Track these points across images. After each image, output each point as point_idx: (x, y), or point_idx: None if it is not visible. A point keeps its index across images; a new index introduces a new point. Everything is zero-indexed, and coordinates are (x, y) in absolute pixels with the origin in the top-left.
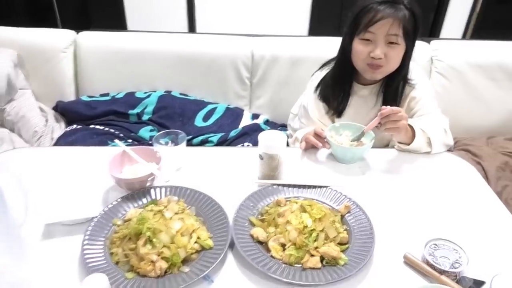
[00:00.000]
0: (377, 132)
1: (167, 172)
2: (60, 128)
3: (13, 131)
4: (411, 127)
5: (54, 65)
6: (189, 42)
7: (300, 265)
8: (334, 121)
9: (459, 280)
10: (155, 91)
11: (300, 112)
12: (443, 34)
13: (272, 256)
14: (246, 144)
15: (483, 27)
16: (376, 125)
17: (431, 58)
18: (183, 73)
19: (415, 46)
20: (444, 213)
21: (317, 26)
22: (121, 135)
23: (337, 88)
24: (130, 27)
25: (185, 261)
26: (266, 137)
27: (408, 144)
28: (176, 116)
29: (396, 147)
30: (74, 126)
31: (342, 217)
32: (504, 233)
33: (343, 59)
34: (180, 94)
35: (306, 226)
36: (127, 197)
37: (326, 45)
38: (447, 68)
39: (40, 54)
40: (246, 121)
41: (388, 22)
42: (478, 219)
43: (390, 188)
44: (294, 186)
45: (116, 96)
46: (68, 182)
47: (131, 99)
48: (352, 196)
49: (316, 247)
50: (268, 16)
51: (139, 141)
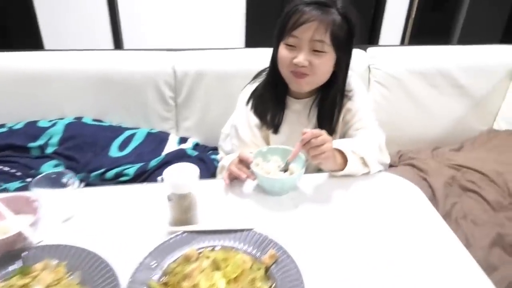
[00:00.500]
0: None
1: (49, 225)
2: None
3: None
4: (340, 151)
5: None
6: (101, 60)
7: None
8: (268, 140)
9: None
10: (62, 119)
11: (231, 132)
12: (381, 41)
13: None
14: None
15: (419, 33)
16: (298, 151)
17: (369, 67)
18: (95, 95)
19: (351, 59)
20: (387, 246)
21: (253, 37)
22: (18, 173)
23: (270, 99)
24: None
25: None
26: (173, 173)
27: (341, 170)
28: (87, 146)
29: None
30: None
31: (267, 270)
32: (450, 262)
33: (273, 68)
34: (93, 120)
35: None
36: None
37: (258, 57)
38: (385, 76)
39: None
40: (172, 146)
41: (312, 26)
42: (424, 247)
43: (326, 221)
44: (210, 232)
45: (14, 127)
46: None
47: (32, 130)
48: (280, 239)
49: None
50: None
51: None
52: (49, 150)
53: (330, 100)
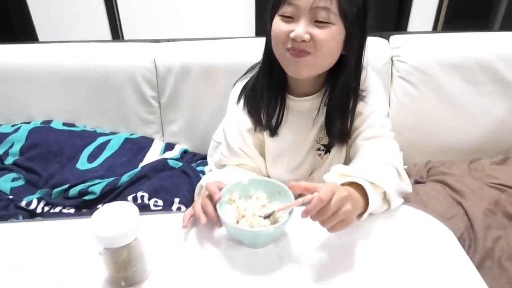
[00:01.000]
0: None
1: None
2: None
3: None
4: (356, 184)
5: None
6: (71, 53)
7: None
8: (263, 148)
9: None
10: (28, 123)
11: (221, 138)
12: (410, 27)
13: None
14: (140, 194)
15: (455, 17)
16: (291, 207)
17: (391, 59)
18: (66, 95)
19: (365, 41)
20: None
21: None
22: None
23: (265, 94)
24: (42, 38)
25: None
26: (103, 219)
27: (361, 215)
28: (52, 156)
29: None
30: None
31: None
32: None
33: (267, 51)
34: (64, 124)
35: None
36: None
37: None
38: (412, 71)
39: None
40: (154, 155)
41: None
42: None
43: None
44: None
45: None
46: None
47: None
48: None
49: None
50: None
51: None
52: (9, 160)
53: (340, 92)
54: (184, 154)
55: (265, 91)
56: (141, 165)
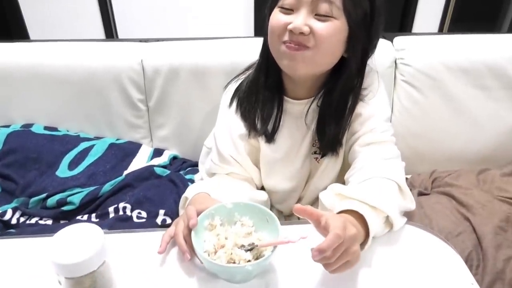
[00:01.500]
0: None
1: None
2: None
3: None
4: (354, 212)
5: None
6: (53, 53)
7: None
8: (258, 156)
9: None
10: (7, 126)
11: (212, 144)
12: (415, 28)
13: None
14: (122, 205)
15: (462, 18)
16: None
17: (395, 61)
18: (49, 97)
19: (371, 47)
20: None
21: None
22: None
23: (261, 95)
24: (34, 37)
25: None
26: (63, 244)
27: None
28: (30, 163)
29: None
30: None
31: None
32: None
33: (265, 48)
34: (45, 128)
35: None
36: None
37: (248, 48)
38: (417, 74)
39: None
40: (140, 161)
41: None
42: None
43: None
44: None
45: None
46: None
47: None
48: None
49: None
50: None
51: None
52: None
53: (337, 97)
54: (174, 160)
55: (260, 92)
56: (125, 172)
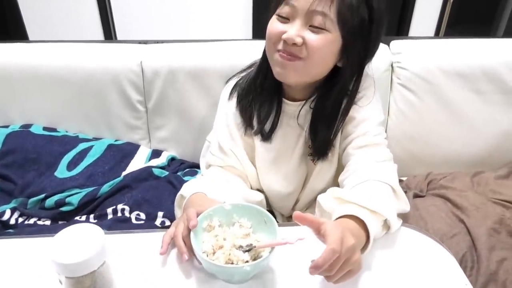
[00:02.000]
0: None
1: None
2: None
3: None
4: (354, 217)
5: None
6: (53, 54)
7: None
8: (253, 152)
9: None
10: (6, 127)
11: (212, 138)
12: (412, 31)
13: None
14: (120, 206)
15: (458, 22)
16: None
17: (391, 65)
18: (48, 98)
19: (369, 55)
20: None
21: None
22: None
23: (259, 95)
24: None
25: None
26: (64, 244)
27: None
28: (29, 163)
29: None
30: None
31: None
32: None
33: (264, 56)
34: (44, 129)
35: None
36: None
37: (247, 51)
38: (413, 78)
39: None
40: (139, 162)
41: None
42: None
43: None
44: None
45: None
46: None
47: None
48: None
49: None
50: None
51: None
52: None
53: (330, 102)
54: (172, 161)
55: (259, 92)
56: (123, 173)
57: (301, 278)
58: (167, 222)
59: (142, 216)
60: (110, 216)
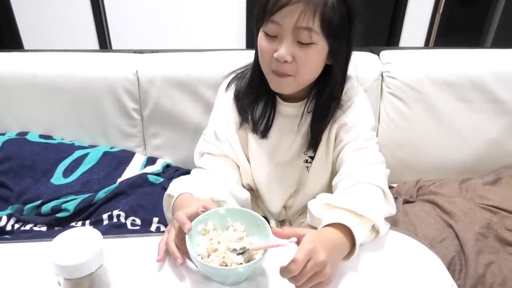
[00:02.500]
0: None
1: None
2: None
3: None
4: (340, 225)
5: None
6: (49, 63)
7: None
8: (247, 145)
9: None
10: (3, 134)
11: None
12: (402, 42)
13: None
14: (116, 212)
15: (448, 32)
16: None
17: (381, 74)
18: (44, 105)
19: (352, 50)
20: None
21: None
22: None
23: (255, 95)
24: (27, 47)
25: None
26: (63, 247)
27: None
28: (25, 170)
29: None
30: None
31: None
32: None
33: (257, 60)
34: (40, 136)
35: None
36: None
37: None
38: (403, 87)
39: None
40: (134, 169)
41: (296, 9)
42: None
43: None
44: None
45: None
46: None
47: None
48: None
49: None
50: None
51: None
52: None
53: (325, 100)
54: (167, 168)
55: (256, 93)
56: (119, 180)
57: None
58: (162, 228)
59: (138, 221)
60: (105, 222)
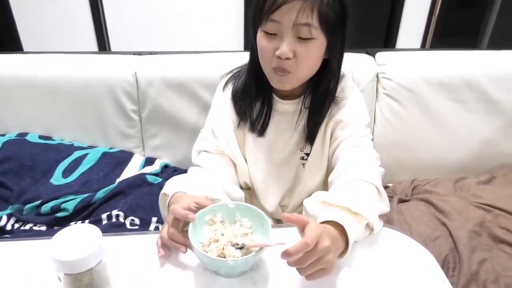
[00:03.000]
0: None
1: None
2: None
3: None
4: (335, 222)
5: None
6: (48, 64)
7: None
8: (244, 143)
9: None
10: (3, 135)
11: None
12: (399, 44)
13: None
14: (115, 212)
15: (444, 34)
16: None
17: (377, 75)
18: (44, 107)
19: (344, 43)
20: None
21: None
22: None
23: (252, 94)
24: (27, 49)
25: None
26: (63, 243)
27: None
28: (24, 170)
29: None
30: None
31: None
32: None
33: (253, 59)
34: (40, 137)
35: None
36: None
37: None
38: (398, 88)
39: None
40: (132, 170)
41: (295, 6)
42: None
43: None
44: None
45: None
46: None
47: None
48: None
49: None
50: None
51: None
52: None
53: (321, 95)
54: (165, 168)
55: (252, 92)
56: (118, 180)
57: (289, 278)
58: (161, 228)
59: (136, 221)
60: (104, 221)
